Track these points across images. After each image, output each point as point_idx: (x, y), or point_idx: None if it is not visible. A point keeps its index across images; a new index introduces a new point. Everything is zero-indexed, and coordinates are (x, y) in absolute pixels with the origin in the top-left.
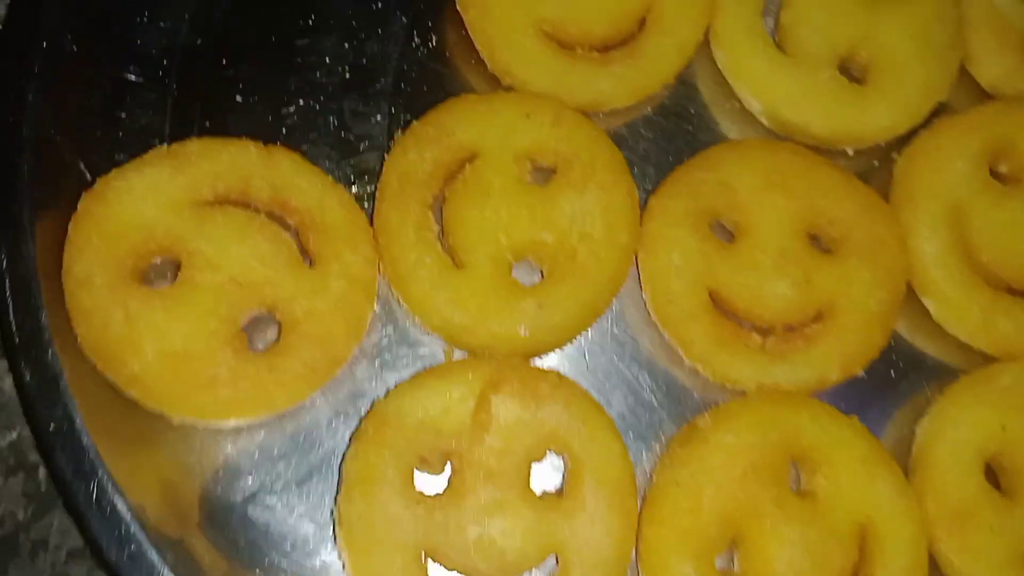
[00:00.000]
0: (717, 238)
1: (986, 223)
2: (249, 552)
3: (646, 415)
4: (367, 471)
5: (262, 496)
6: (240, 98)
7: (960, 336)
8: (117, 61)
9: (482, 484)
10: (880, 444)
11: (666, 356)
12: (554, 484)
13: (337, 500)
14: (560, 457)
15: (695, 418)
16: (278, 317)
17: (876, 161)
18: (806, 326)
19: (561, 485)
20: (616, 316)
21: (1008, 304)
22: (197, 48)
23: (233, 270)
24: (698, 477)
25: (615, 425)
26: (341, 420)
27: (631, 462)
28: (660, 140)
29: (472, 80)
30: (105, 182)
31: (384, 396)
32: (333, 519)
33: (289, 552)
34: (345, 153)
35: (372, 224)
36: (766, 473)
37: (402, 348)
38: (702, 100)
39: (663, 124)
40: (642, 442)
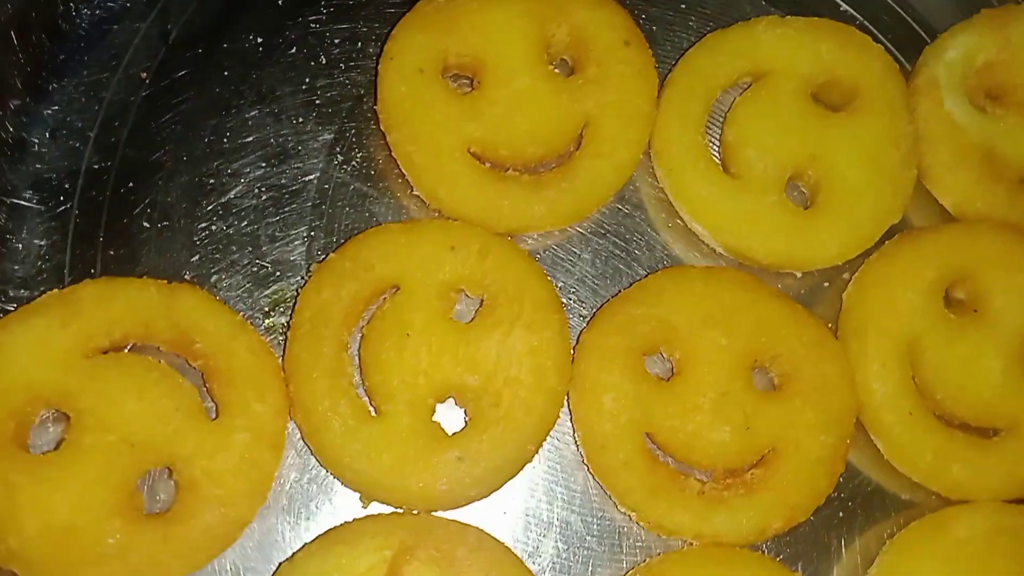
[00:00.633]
0: (654, 376)
1: (941, 360)
2: None
3: (579, 562)
4: None
5: None
6: (147, 223)
7: (912, 478)
8: (11, 186)
9: None
10: None
11: (600, 498)
12: None
13: None
14: None
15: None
16: (175, 477)
17: (826, 282)
18: (748, 471)
19: None
20: (546, 455)
21: (962, 447)
22: (101, 170)
23: (126, 429)
24: None
25: None
26: None
27: None
28: (597, 261)
29: (398, 199)
30: None
31: (290, 560)
32: None
33: None
34: (259, 282)
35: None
36: None
37: (320, 497)
38: (644, 217)
39: (600, 244)
40: None
